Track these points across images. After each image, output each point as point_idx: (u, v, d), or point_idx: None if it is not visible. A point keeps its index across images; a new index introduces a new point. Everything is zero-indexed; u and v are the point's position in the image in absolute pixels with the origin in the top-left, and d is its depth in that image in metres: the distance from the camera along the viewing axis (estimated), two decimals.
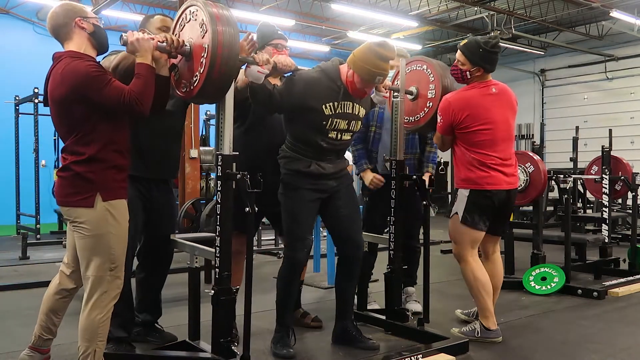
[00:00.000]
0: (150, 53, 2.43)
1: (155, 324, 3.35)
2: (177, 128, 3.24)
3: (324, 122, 2.99)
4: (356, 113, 3.11)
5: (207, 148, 7.87)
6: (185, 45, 2.44)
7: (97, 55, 2.55)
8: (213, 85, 2.36)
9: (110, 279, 2.45)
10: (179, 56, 2.52)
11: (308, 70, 3.06)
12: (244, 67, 2.71)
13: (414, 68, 3.60)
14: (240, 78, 2.86)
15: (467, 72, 3.33)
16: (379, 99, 3.30)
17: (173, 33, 2.60)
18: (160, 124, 2.96)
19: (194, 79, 2.39)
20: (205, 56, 2.31)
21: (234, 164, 2.53)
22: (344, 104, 3.04)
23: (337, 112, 3.01)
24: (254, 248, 6.48)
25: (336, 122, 3.02)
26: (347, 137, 3.13)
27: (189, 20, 2.47)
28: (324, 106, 2.97)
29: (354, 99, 3.08)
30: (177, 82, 2.58)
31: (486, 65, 3.32)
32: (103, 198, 2.41)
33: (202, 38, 2.34)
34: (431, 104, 3.49)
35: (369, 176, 3.84)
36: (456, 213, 3.37)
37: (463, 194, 3.34)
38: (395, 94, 3.47)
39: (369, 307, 3.83)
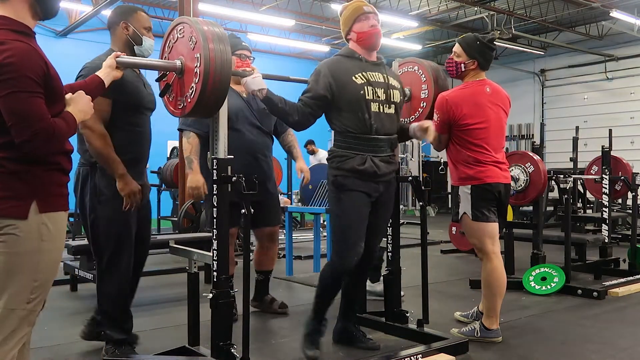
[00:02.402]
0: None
1: None
2: (149, 131, 3.14)
3: (362, 92, 2.89)
4: (389, 82, 3.01)
5: None
6: (177, 63, 2.44)
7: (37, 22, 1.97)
8: (208, 98, 2.38)
9: (24, 315, 1.84)
10: (172, 75, 2.52)
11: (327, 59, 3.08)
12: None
13: (406, 70, 3.62)
14: None
15: (462, 65, 3.37)
16: None
17: (162, 56, 2.59)
18: (144, 128, 2.96)
19: (190, 91, 2.40)
20: (198, 65, 2.32)
21: (229, 167, 2.53)
22: (373, 74, 2.96)
23: (369, 80, 2.94)
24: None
25: (373, 90, 2.92)
26: (390, 110, 2.99)
27: (177, 39, 2.49)
28: (353, 77, 2.91)
29: (381, 69, 3.03)
30: (172, 101, 2.58)
31: (481, 59, 3.36)
32: (40, 208, 1.85)
33: (193, 50, 2.36)
34: (425, 104, 3.50)
35: None
36: (464, 213, 3.36)
37: (465, 192, 3.34)
38: None
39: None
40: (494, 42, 3.41)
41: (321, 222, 6.26)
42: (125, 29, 2.86)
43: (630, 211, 5.74)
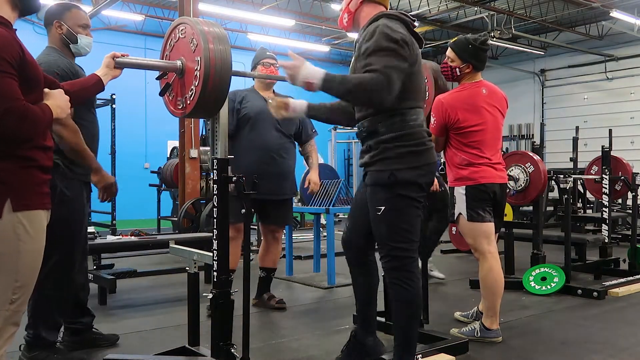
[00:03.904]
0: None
1: (94, 328, 3.21)
2: (98, 128, 3.13)
3: None
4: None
5: (206, 148, 7.88)
6: (177, 63, 2.45)
7: (18, 17, 1.93)
8: (208, 99, 2.37)
9: (7, 315, 1.80)
10: (172, 74, 2.53)
11: None
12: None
13: None
14: None
15: (457, 69, 3.37)
16: None
17: (162, 55, 2.59)
18: (95, 127, 2.99)
19: (190, 93, 2.41)
20: (198, 69, 2.33)
21: (229, 167, 2.54)
22: None
23: None
24: (254, 248, 6.48)
25: None
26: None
27: (178, 39, 2.50)
28: None
29: None
30: (172, 100, 2.59)
31: (475, 62, 3.36)
32: (15, 206, 1.77)
33: (194, 52, 2.37)
34: (425, 105, 3.50)
35: None
36: (460, 214, 3.37)
37: (460, 192, 3.35)
38: None
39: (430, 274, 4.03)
40: (487, 43, 3.39)
41: (321, 222, 6.26)
42: (59, 27, 2.82)
43: (630, 211, 5.74)
